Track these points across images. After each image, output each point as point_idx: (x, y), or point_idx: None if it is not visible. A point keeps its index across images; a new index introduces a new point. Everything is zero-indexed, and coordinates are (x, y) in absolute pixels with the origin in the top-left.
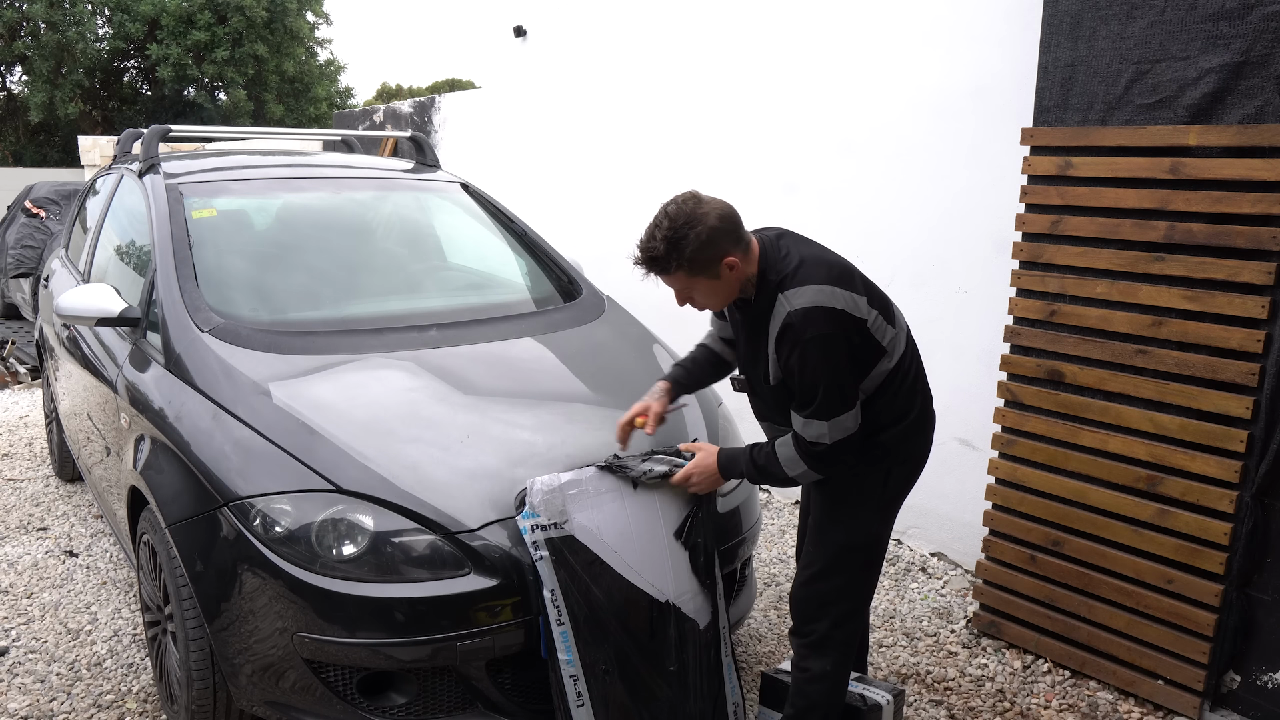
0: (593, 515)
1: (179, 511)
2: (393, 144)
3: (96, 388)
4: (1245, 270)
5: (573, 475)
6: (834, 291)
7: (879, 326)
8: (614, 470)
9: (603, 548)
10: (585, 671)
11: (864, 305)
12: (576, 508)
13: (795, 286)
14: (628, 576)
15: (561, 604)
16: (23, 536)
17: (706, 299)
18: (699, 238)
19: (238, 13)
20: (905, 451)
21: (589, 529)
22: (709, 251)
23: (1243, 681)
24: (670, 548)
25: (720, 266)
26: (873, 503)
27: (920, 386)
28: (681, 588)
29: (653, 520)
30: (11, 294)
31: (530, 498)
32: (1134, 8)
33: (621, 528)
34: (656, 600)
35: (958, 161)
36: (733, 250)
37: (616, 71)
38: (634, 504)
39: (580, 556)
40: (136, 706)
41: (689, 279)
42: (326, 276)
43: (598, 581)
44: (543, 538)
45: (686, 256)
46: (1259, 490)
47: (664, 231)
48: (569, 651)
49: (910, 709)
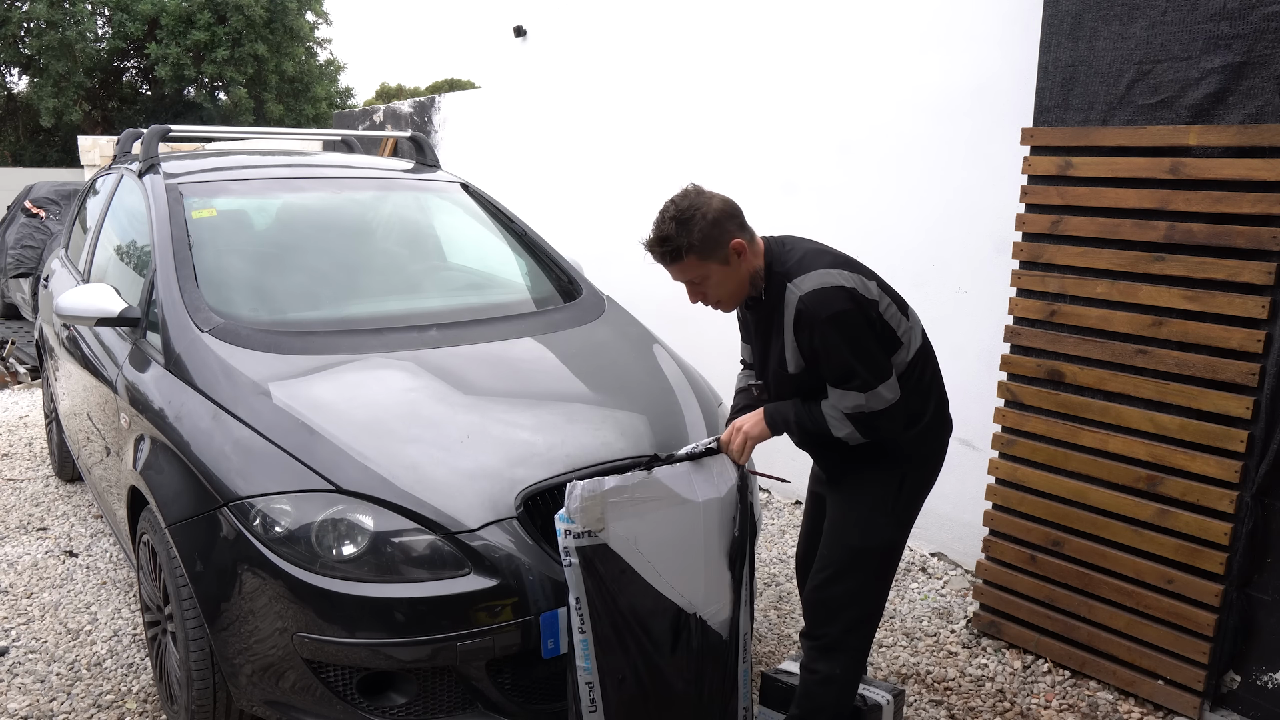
0: (632, 524)
1: (179, 511)
2: (393, 144)
3: (96, 388)
4: (1245, 270)
5: (617, 481)
6: (840, 273)
7: (892, 314)
8: (655, 464)
9: (636, 557)
10: (602, 679)
11: (874, 288)
12: (615, 515)
13: (802, 274)
14: (657, 586)
15: (585, 613)
16: (23, 536)
17: (719, 290)
18: (704, 217)
19: (237, 12)
20: (921, 455)
21: (625, 537)
22: (715, 231)
23: (1243, 681)
24: (707, 560)
25: (728, 250)
26: (887, 507)
27: (936, 389)
28: (711, 599)
29: (693, 531)
30: (11, 294)
31: (569, 503)
32: (1135, 8)
33: (661, 537)
34: (683, 610)
35: (958, 161)
36: (739, 234)
37: (616, 71)
38: (678, 514)
39: (611, 566)
40: (136, 706)
41: (700, 264)
42: (326, 276)
43: (625, 591)
44: (574, 545)
45: (696, 236)
46: (1259, 490)
47: (671, 214)
48: (587, 660)
49: (910, 709)
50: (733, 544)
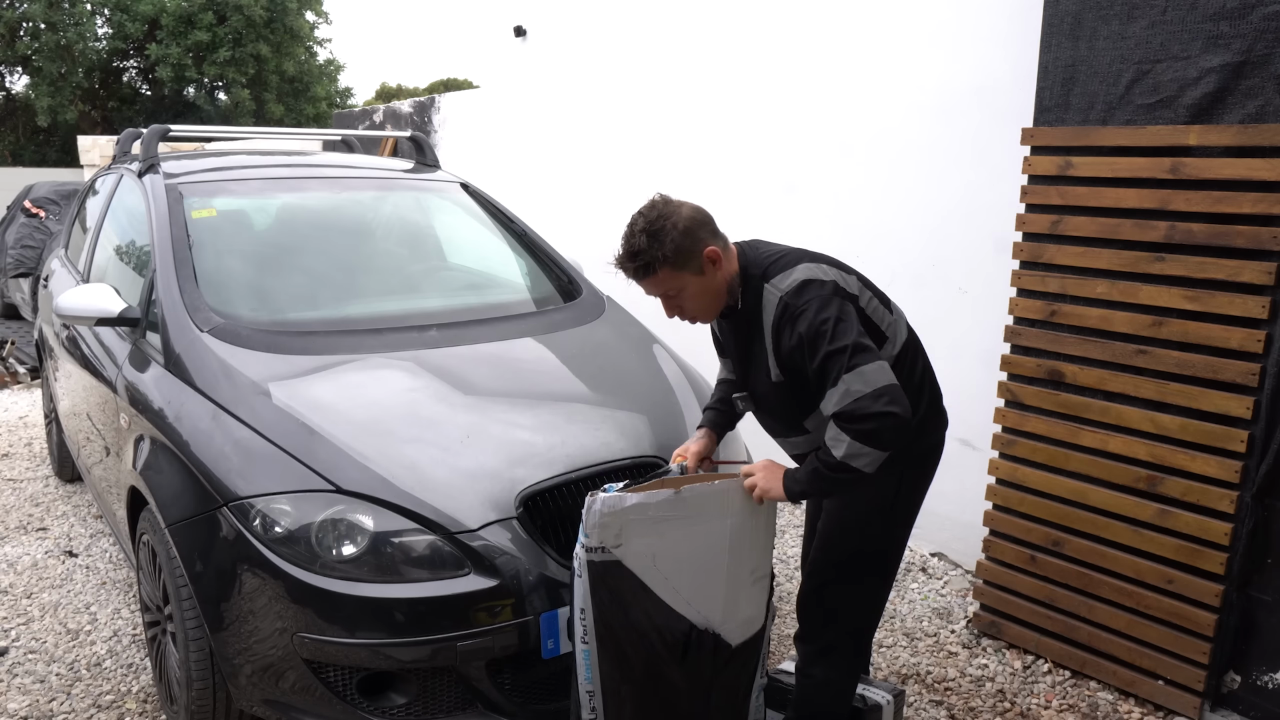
0: (651, 541)
1: (179, 512)
2: (393, 144)
3: (96, 388)
4: (1245, 270)
5: (640, 499)
6: (818, 267)
7: (875, 309)
8: (680, 481)
9: (652, 575)
10: (604, 690)
11: (854, 283)
12: (635, 532)
13: (779, 274)
14: (671, 603)
15: (590, 624)
16: (22, 536)
17: (696, 303)
18: (675, 227)
19: (237, 12)
20: (917, 452)
21: (642, 554)
22: (688, 241)
23: (1243, 682)
24: (729, 577)
25: (703, 259)
26: (883, 510)
27: (927, 385)
28: (729, 616)
29: (717, 550)
30: (11, 294)
31: (587, 518)
32: (1135, 8)
33: (681, 554)
34: (696, 626)
35: (958, 161)
36: (711, 241)
37: (616, 71)
38: (703, 531)
39: (624, 582)
40: (136, 707)
41: (675, 275)
42: (326, 276)
43: (634, 606)
44: (585, 559)
45: (668, 248)
46: (1259, 490)
47: (640, 226)
48: (588, 670)
49: (910, 709)
50: (768, 562)
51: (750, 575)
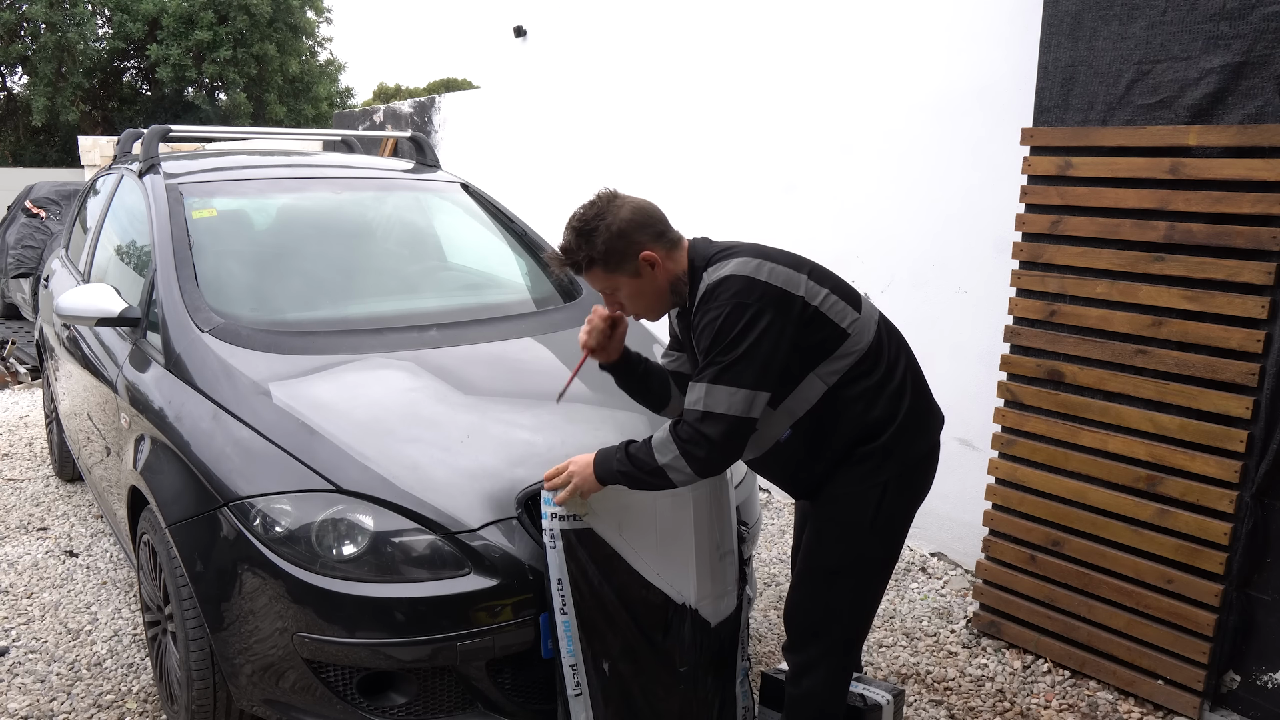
0: (617, 514)
1: (179, 511)
2: (393, 144)
3: (96, 388)
4: (1245, 270)
5: None
6: (760, 264)
7: (834, 306)
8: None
9: (620, 543)
10: (586, 663)
11: (805, 282)
12: (599, 498)
13: (716, 264)
14: (644, 574)
15: (568, 594)
16: (23, 536)
17: (634, 302)
18: (609, 229)
19: (241, 11)
20: (903, 461)
21: (609, 522)
22: (621, 244)
23: (1243, 681)
24: (699, 554)
25: (638, 262)
26: (866, 522)
27: (910, 388)
28: (703, 592)
29: (683, 523)
30: (11, 294)
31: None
32: (1135, 8)
33: (646, 525)
34: (673, 601)
35: (958, 161)
36: (650, 244)
37: (616, 71)
38: (667, 503)
39: (596, 551)
40: (136, 706)
41: (607, 276)
42: (327, 277)
43: (611, 576)
44: (559, 528)
45: (599, 249)
46: (1259, 490)
47: (574, 224)
48: (569, 642)
49: (910, 709)
50: (732, 538)
51: (716, 550)
